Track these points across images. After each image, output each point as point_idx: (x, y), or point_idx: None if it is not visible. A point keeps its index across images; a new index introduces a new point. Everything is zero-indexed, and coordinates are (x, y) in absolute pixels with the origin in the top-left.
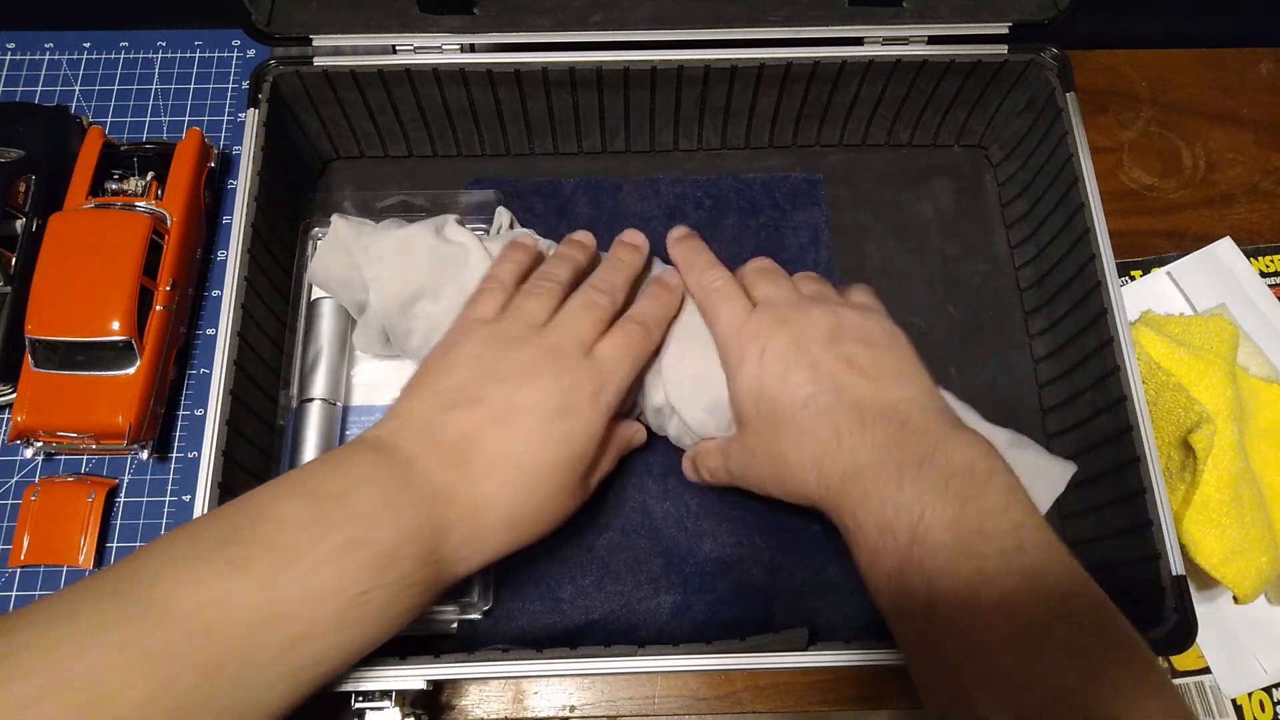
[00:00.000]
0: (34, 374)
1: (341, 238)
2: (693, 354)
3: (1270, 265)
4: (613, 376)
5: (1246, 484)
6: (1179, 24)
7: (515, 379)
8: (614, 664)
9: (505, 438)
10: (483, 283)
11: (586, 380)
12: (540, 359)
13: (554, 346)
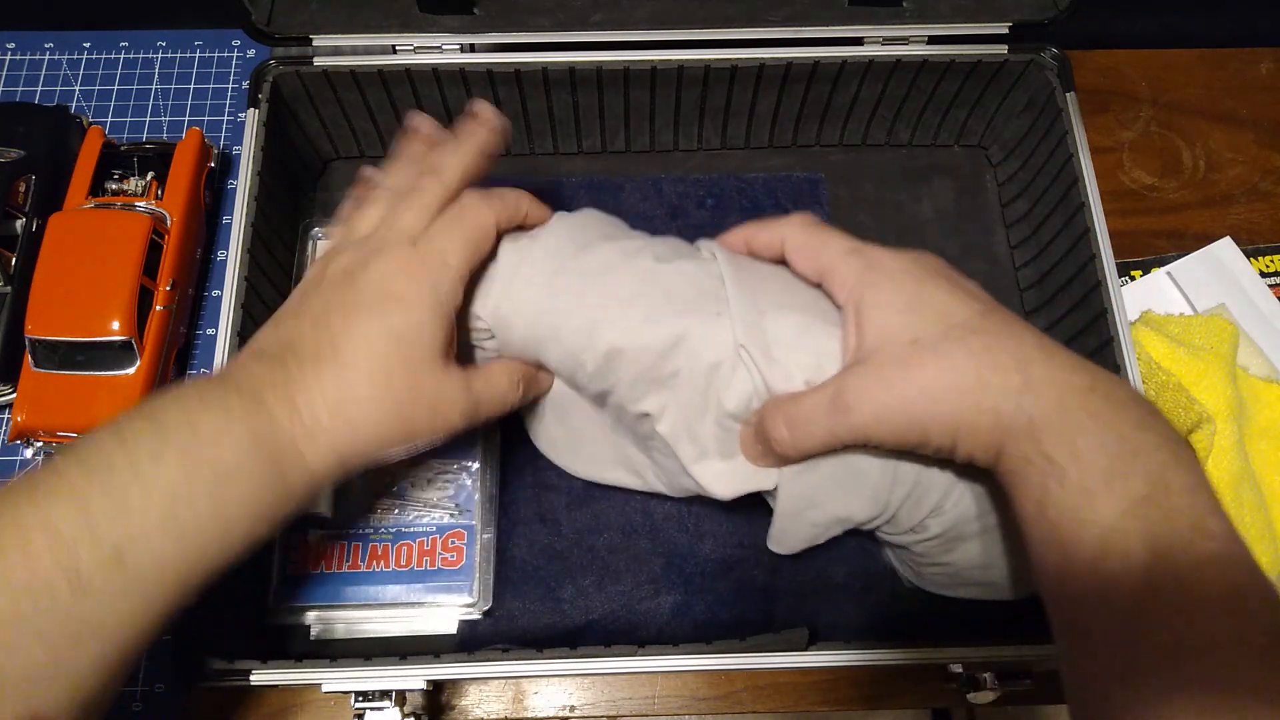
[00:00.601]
0: (34, 374)
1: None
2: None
3: (1270, 265)
4: (439, 256)
5: (1246, 484)
6: (1179, 24)
7: (335, 286)
8: (614, 664)
9: (321, 336)
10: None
11: (406, 266)
12: (358, 259)
13: (375, 247)
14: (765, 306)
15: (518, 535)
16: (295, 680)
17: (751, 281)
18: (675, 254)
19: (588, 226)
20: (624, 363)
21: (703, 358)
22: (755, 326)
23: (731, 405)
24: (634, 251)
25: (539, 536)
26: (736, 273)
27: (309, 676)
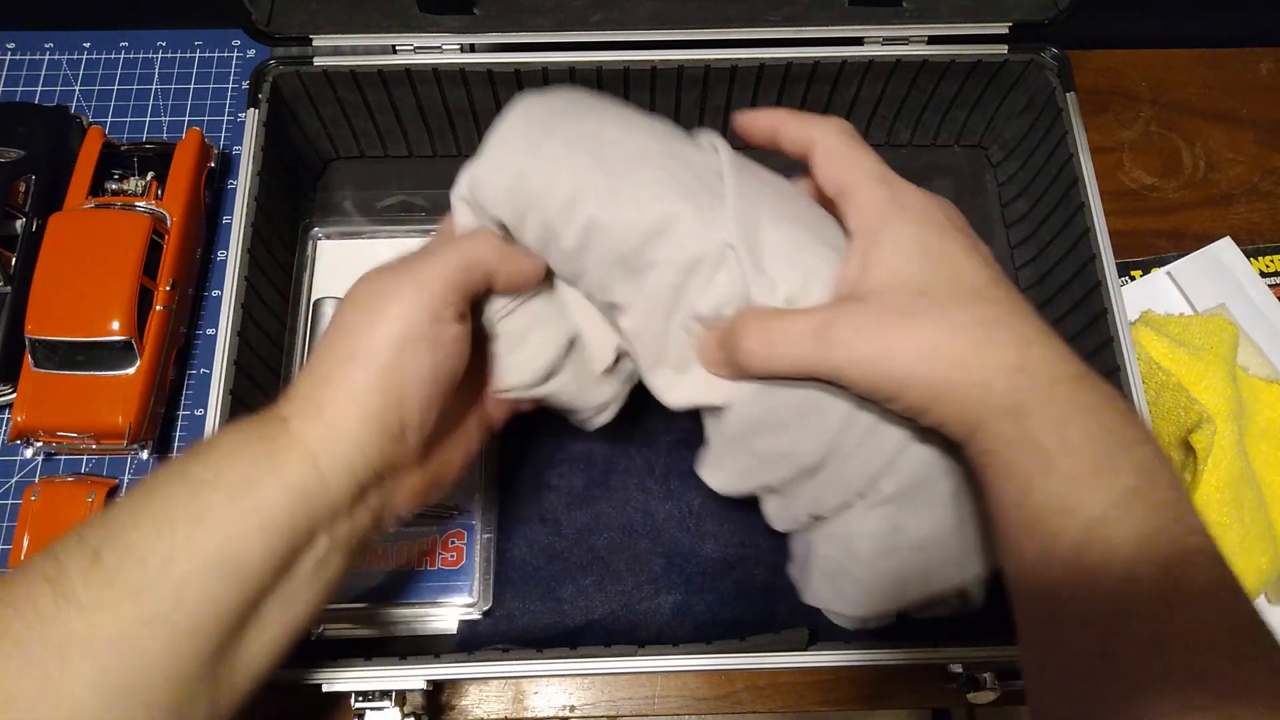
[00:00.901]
0: (34, 374)
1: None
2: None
3: (1270, 265)
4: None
5: (1246, 484)
6: (1179, 24)
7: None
8: (614, 664)
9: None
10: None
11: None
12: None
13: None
14: (763, 212)
15: (518, 535)
16: (295, 680)
17: (752, 184)
18: (674, 138)
19: (576, 97)
20: (602, 241)
21: (686, 250)
22: (750, 229)
23: (704, 307)
24: (629, 124)
25: (539, 536)
26: (739, 171)
27: (309, 677)
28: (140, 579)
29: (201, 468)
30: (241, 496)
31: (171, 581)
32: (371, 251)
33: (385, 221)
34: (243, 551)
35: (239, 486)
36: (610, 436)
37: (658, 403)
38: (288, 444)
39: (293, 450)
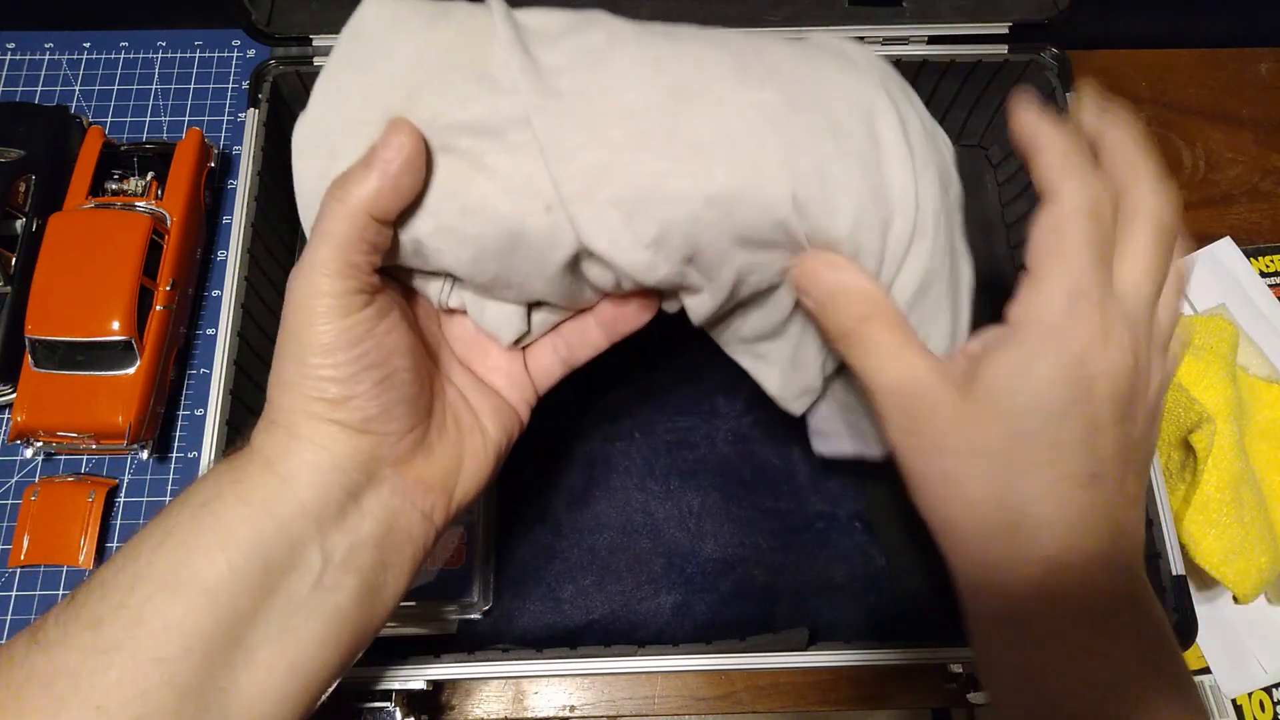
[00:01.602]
0: (34, 374)
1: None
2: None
3: (1270, 265)
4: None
5: (1246, 484)
6: (1179, 24)
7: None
8: (614, 664)
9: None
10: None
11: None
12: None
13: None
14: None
15: (518, 535)
16: None
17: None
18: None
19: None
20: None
21: (550, 260)
22: (597, 221)
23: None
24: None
25: (539, 536)
26: (551, 123)
27: None
28: (99, 609)
29: (174, 502)
30: (202, 516)
31: (130, 609)
32: None
33: None
34: (205, 571)
35: (200, 508)
36: (610, 436)
37: (658, 401)
38: (248, 457)
39: (251, 463)
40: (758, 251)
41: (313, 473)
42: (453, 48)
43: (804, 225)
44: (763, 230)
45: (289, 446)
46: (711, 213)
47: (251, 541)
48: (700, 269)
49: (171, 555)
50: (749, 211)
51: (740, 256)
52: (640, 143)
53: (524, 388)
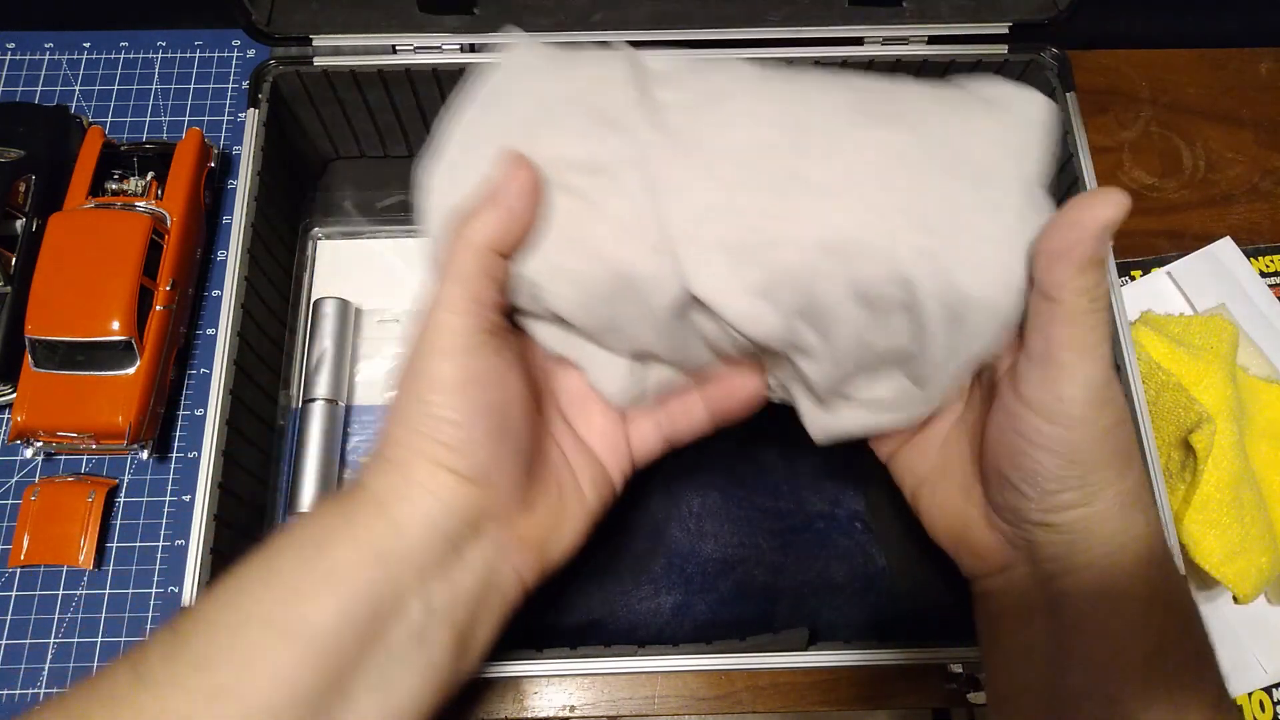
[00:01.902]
0: (34, 374)
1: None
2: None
3: (1270, 265)
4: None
5: (1246, 484)
6: (1179, 24)
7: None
8: (614, 664)
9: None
10: None
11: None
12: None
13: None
14: (712, 219)
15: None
16: None
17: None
18: (583, 130)
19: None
20: (572, 321)
21: (656, 305)
22: (703, 264)
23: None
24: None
25: None
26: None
27: None
28: (207, 650)
29: (282, 536)
30: (311, 557)
31: (239, 651)
32: (371, 251)
33: (385, 221)
34: (314, 616)
35: (309, 547)
36: None
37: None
38: (361, 500)
39: (364, 506)
40: (879, 315)
41: (423, 520)
42: (579, 90)
43: (933, 281)
44: (883, 286)
45: (401, 490)
46: (827, 262)
47: (361, 587)
48: (813, 325)
49: (280, 596)
50: (869, 262)
51: (859, 318)
52: (752, 182)
53: (622, 456)
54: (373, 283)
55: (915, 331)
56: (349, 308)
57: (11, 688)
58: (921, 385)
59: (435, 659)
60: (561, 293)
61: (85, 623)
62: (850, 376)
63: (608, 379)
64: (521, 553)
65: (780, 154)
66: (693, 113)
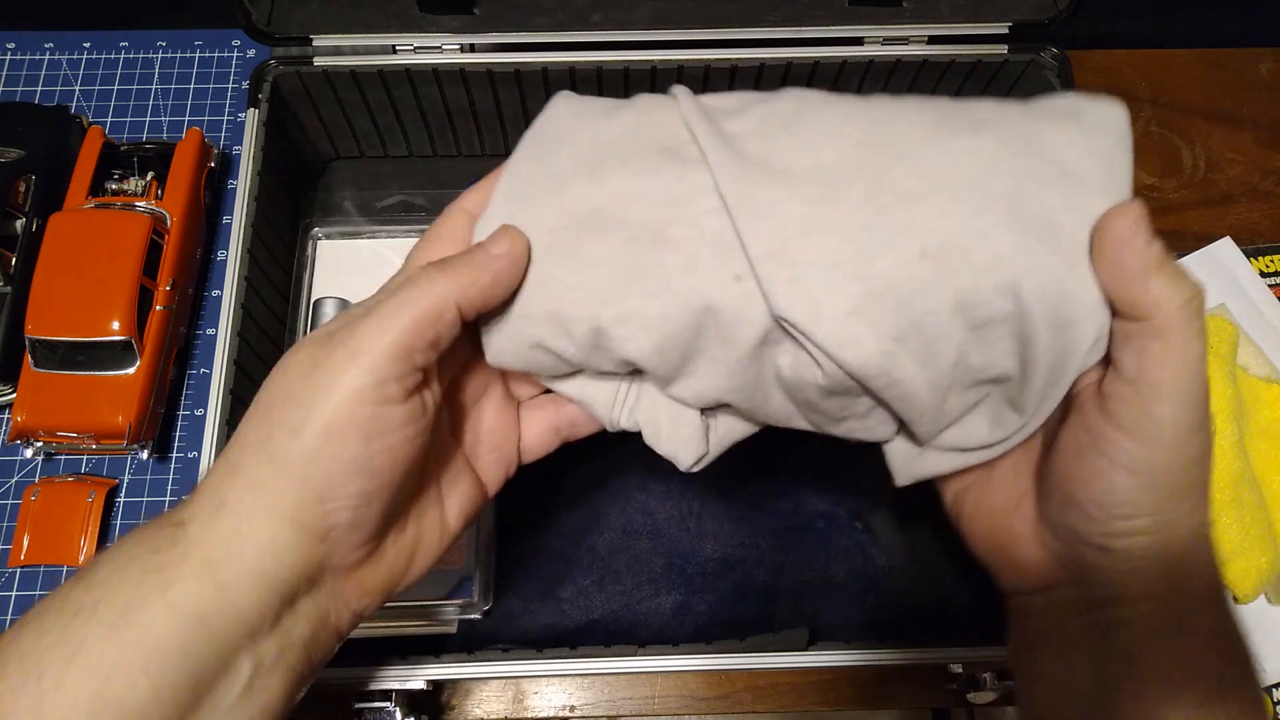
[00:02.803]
0: (34, 374)
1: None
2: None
3: (1270, 265)
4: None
5: (1246, 484)
6: (1179, 24)
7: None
8: (614, 664)
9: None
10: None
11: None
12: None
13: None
14: (797, 237)
15: (518, 535)
16: None
17: (766, 191)
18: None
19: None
20: (644, 366)
21: (739, 340)
22: (793, 284)
23: (790, 372)
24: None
25: (539, 536)
26: (739, 185)
27: None
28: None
29: (82, 591)
30: (122, 626)
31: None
32: (371, 251)
33: (385, 221)
34: (125, 694)
35: (119, 613)
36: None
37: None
38: (181, 554)
39: (186, 562)
40: (983, 331)
41: (256, 581)
42: (634, 129)
43: (1040, 287)
44: (990, 296)
45: (234, 546)
46: (930, 270)
47: (179, 657)
48: (912, 351)
49: (85, 677)
50: (975, 268)
51: (962, 336)
52: (838, 196)
53: (508, 459)
54: (373, 283)
55: (1021, 346)
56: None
57: None
58: (1020, 410)
59: (268, 703)
60: (634, 338)
61: None
62: (946, 413)
63: (678, 447)
64: (362, 598)
65: (868, 167)
66: (766, 138)
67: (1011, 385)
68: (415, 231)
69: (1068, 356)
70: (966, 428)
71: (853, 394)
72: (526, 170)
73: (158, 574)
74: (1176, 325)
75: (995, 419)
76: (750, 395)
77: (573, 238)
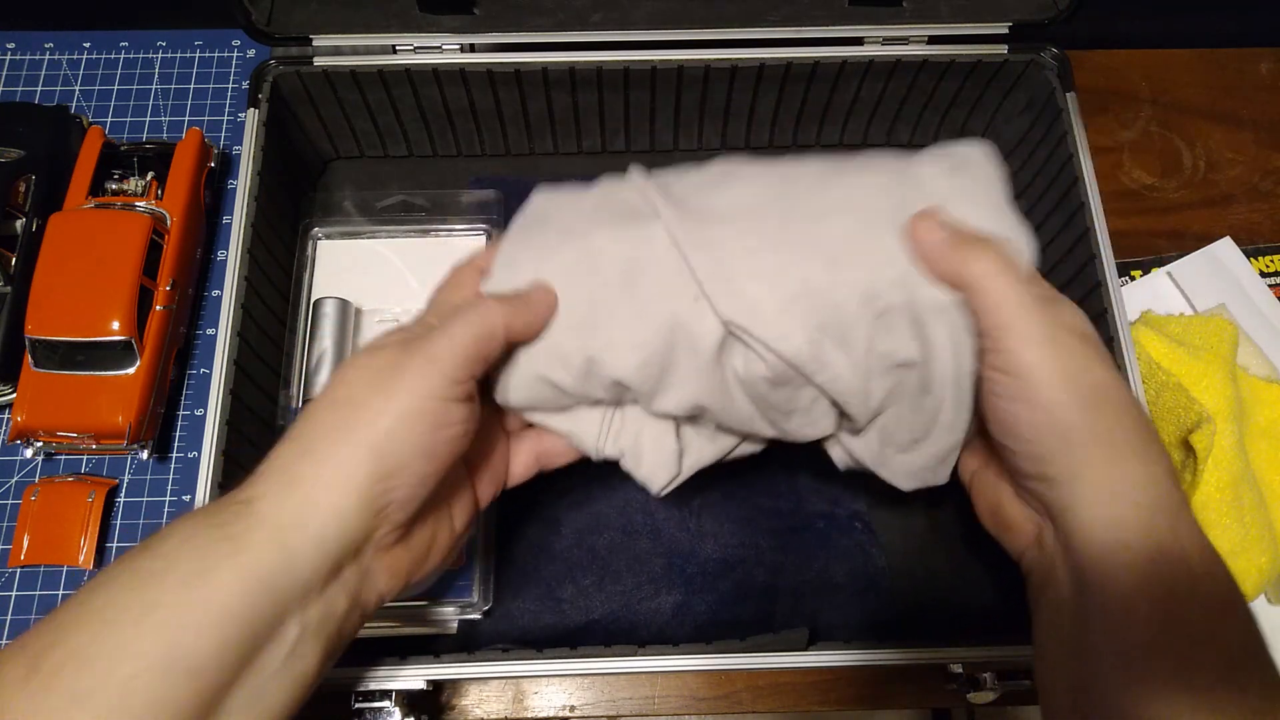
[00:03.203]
0: (34, 374)
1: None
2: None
3: (1270, 265)
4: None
5: (1246, 484)
6: (1179, 24)
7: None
8: (614, 664)
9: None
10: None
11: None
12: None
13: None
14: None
15: (518, 535)
16: None
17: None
18: (614, 225)
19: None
20: (630, 383)
21: (701, 346)
22: (733, 295)
23: (743, 370)
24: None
25: (539, 536)
26: (686, 229)
27: None
28: (82, 684)
29: (150, 559)
30: (194, 586)
31: (116, 684)
32: (371, 251)
33: (385, 221)
34: (195, 647)
35: (190, 576)
36: None
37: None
38: (250, 525)
39: (256, 530)
40: (887, 320)
41: (318, 546)
42: (601, 202)
43: (926, 277)
44: (886, 288)
45: (303, 514)
46: (834, 271)
47: (244, 617)
48: (833, 338)
49: (160, 631)
50: (868, 266)
51: (871, 324)
52: (759, 228)
53: (497, 483)
54: (373, 283)
55: (918, 330)
56: (349, 308)
57: None
58: (930, 392)
59: (305, 671)
60: (622, 359)
61: None
62: (872, 395)
63: (654, 472)
64: (390, 579)
65: (780, 204)
66: (701, 195)
67: (920, 370)
68: (415, 231)
69: (960, 338)
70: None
71: (795, 384)
72: (520, 239)
73: (228, 542)
74: (982, 284)
75: (914, 406)
76: (719, 398)
77: (562, 287)
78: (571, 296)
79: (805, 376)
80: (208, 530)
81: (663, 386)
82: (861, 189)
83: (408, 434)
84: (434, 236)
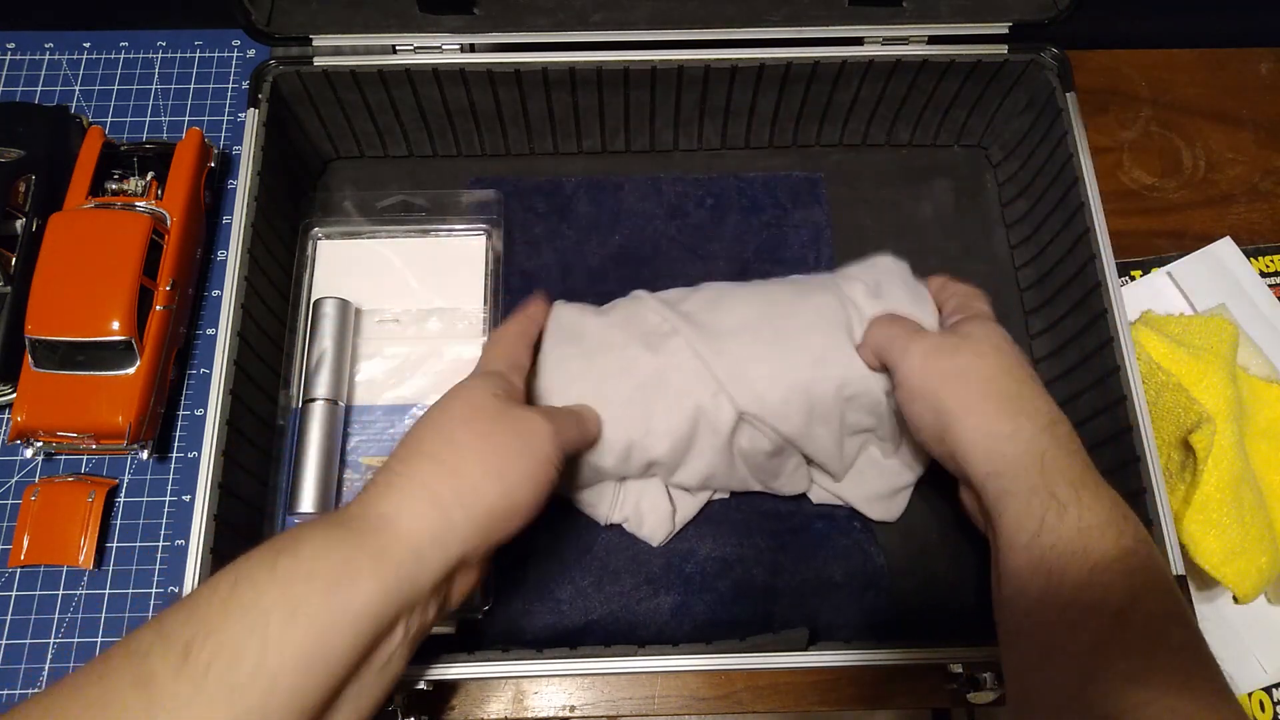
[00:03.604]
0: (34, 374)
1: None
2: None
3: (1270, 265)
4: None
5: (1246, 484)
6: (1179, 24)
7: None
8: (614, 664)
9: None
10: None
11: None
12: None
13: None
14: (743, 365)
15: (517, 536)
16: None
17: (718, 344)
18: (643, 340)
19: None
20: (663, 460)
21: (721, 429)
22: (746, 391)
23: (747, 445)
24: (615, 367)
25: (538, 536)
26: (704, 343)
27: None
28: (234, 677)
29: (292, 561)
30: (338, 591)
31: (265, 678)
32: (371, 251)
33: (385, 221)
34: (335, 644)
35: (334, 581)
36: None
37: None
38: (391, 540)
39: (395, 545)
40: (852, 403)
41: (444, 564)
42: (625, 320)
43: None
44: (853, 380)
45: (441, 533)
46: (817, 370)
47: (376, 619)
48: (818, 419)
49: (305, 632)
50: (839, 366)
51: (842, 406)
52: (757, 338)
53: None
54: (373, 283)
55: (873, 404)
56: (349, 308)
57: (11, 688)
58: (887, 441)
59: (396, 671)
60: (657, 444)
61: (85, 623)
62: (848, 454)
63: (655, 531)
64: (457, 595)
65: (768, 319)
66: (706, 312)
67: (878, 431)
68: (415, 231)
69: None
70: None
71: (785, 454)
72: (557, 351)
73: (370, 554)
74: (889, 352)
75: (881, 451)
76: (726, 469)
77: (605, 391)
78: (613, 396)
79: (797, 447)
80: (349, 538)
81: (685, 461)
82: (822, 307)
83: (532, 484)
84: (434, 236)
